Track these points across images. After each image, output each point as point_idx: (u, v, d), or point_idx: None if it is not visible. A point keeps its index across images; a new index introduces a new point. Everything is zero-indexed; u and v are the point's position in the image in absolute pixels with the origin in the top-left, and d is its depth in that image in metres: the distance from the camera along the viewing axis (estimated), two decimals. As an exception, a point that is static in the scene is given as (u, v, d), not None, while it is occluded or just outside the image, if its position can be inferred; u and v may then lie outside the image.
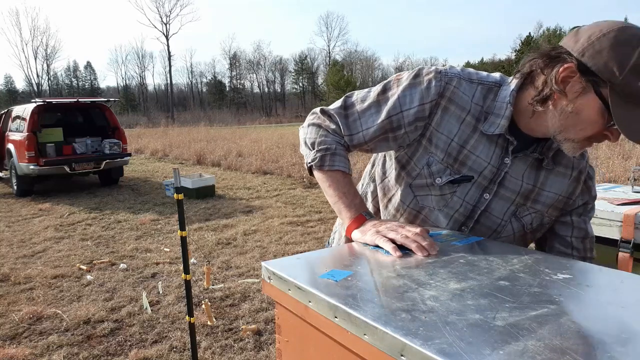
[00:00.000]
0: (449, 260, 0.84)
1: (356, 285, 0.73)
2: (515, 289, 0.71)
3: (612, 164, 7.72)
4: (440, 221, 1.05)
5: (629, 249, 1.41)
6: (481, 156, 0.99)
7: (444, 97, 0.98)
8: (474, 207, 1.02)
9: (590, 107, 0.84)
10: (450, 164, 1.00)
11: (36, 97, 29.24)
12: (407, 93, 1.00)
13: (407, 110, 0.99)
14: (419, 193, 1.04)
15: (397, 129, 1.01)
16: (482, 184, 1.01)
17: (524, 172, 1.00)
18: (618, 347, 0.53)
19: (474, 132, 0.98)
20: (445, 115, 0.98)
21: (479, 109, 0.98)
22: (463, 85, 0.98)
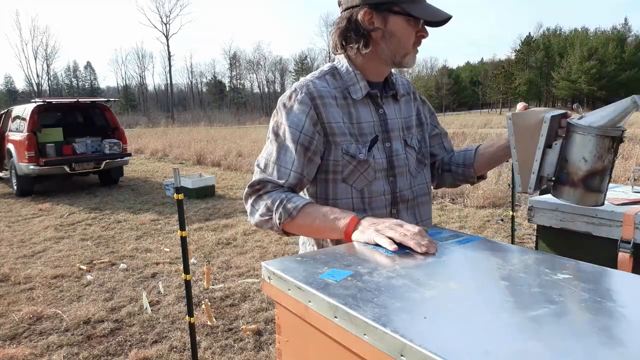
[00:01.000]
0: (449, 260, 0.84)
1: (356, 285, 0.73)
2: (515, 289, 0.71)
3: (612, 164, 7.70)
4: (382, 188, 1.17)
5: (629, 249, 1.41)
6: (367, 120, 1.17)
7: (315, 99, 1.13)
8: (388, 158, 1.19)
9: (398, 24, 1.09)
10: (357, 140, 1.15)
11: (36, 97, 29.24)
12: (291, 119, 1.13)
13: (302, 126, 1.12)
14: (352, 180, 1.16)
15: (310, 144, 1.13)
16: (382, 138, 1.18)
17: (394, 111, 1.22)
18: (618, 347, 0.53)
19: (350, 106, 1.16)
20: (328, 109, 1.14)
21: (340, 89, 1.17)
22: (317, 84, 1.15)
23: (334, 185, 1.16)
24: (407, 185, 1.22)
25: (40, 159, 7.96)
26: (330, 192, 1.17)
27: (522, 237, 4.89)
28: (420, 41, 1.12)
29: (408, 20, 1.08)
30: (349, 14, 1.11)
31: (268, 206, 1.09)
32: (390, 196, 1.18)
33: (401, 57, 1.12)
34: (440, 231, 1.04)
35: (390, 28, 1.09)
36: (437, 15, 1.08)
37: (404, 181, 1.21)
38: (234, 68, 73.67)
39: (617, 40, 58.95)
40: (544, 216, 1.65)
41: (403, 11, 1.07)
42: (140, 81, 73.56)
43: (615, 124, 1.09)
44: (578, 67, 57.90)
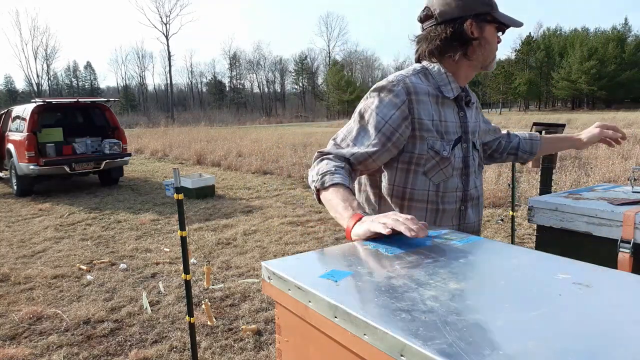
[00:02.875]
0: (449, 260, 0.84)
1: (356, 285, 0.73)
2: (515, 289, 0.71)
3: (612, 164, 7.72)
4: (456, 185, 1.26)
5: (629, 249, 1.41)
6: (451, 120, 1.25)
7: (411, 94, 1.19)
8: (464, 157, 1.27)
9: (491, 32, 1.24)
10: (442, 137, 1.22)
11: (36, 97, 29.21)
12: (382, 107, 1.19)
13: (391, 118, 1.18)
14: (432, 174, 1.23)
15: (392, 135, 1.19)
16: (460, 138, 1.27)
17: (470, 115, 1.31)
18: (618, 348, 0.53)
19: (439, 105, 1.24)
20: (421, 105, 1.20)
21: (432, 87, 1.24)
22: (413, 80, 1.22)
23: (414, 177, 1.23)
24: (474, 185, 1.31)
25: (40, 159, 7.95)
26: (409, 182, 1.24)
27: (522, 237, 4.89)
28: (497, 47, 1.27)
29: (496, 27, 1.25)
30: (451, 26, 1.22)
31: (317, 171, 1.16)
32: (462, 193, 1.27)
33: (490, 62, 1.27)
34: (441, 230, 1.04)
35: (486, 36, 1.23)
36: (517, 23, 1.25)
37: (472, 180, 1.30)
38: (234, 68, 73.67)
39: (617, 40, 58.91)
40: (544, 216, 1.65)
41: (494, 20, 1.22)
42: (140, 81, 73.56)
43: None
44: (578, 67, 57.88)
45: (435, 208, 1.24)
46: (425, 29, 1.28)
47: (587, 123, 20.43)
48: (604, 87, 57.09)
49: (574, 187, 5.63)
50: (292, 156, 10.94)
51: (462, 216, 1.28)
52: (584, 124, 19.92)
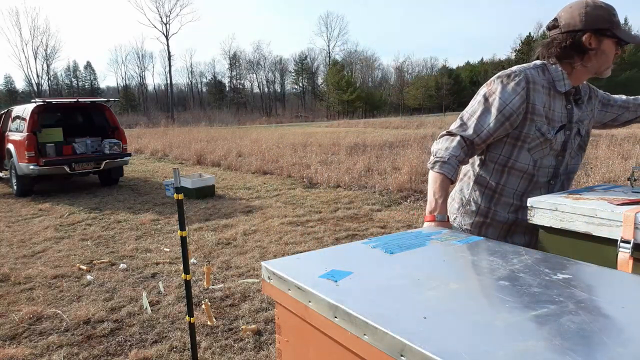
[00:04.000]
0: (449, 261, 0.84)
1: (356, 285, 0.73)
2: (515, 289, 0.71)
3: (612, 164, 7.72)
4: (550, 162, 1.51)
5: (629, 249, 1.41)
6: (559, 110, 1.49)
7: (530, 83, 1.44)
8: (564, 142, 1.51)
9: (609, 46, 1.42)
10: (549, 123, 1.47)
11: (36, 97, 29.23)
12: (505, 92, 1.44)
13: (511, 102, 1.43)
14: (534, 151, 1.49)
15: (510, 116, 1.44)
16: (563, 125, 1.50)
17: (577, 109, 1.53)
18: (618, 348, 0.53)
19: (551, 96, 1.48)
20: (536, 94, 1.45)
21: (547, 81, 1.48)
22: (532, 72, 1.46)
23: (519, 151, 1.49)
24: (566, 164, 1.55)
25: (40, 159, 7.95)
26: (514, 154, 1.50)
27: (522, 237, 4.89)
28: (616, 57, 1.45)
29: (616, 42, 1.42)
30: (571, 36, 1.43)
31: (438, 150, 1.45)
32: (553, 170, 1.52)
33: (604, 70, 1.46)
34: (441, 230, 1.04)
35: (603, 48, 1.41)
36: (638, 39, 1.43)
37: (566, 161, 1.54)
38: (234, 68, 73.66)
39: (617, 40, 58.88)
40: (544, 216, 1.65)
41: (614, 36, 1.40)
42: (140, 81, 73.55)
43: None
44: (578, 67, 57.79)
45: (530, 179, 1.51)
46: (550, 36, 1.52)
47: (587, 123, 20.41)
48: (603, 87, 56.12)
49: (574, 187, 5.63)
50: (292, 156, 10.93)
51: (550, 189, 1.54)
52: (584, 124, 19.89)
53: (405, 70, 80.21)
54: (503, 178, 1.54)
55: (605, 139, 11.93)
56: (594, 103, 1.66)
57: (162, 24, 56.09)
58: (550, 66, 1.50)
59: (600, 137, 12.67)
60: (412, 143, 12.95)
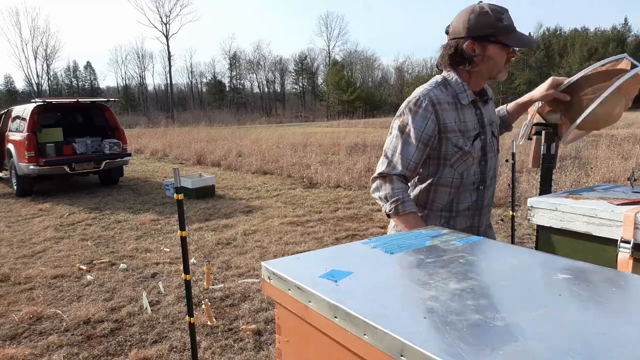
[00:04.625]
0: (449, 260, 0.84)
1: (356, 285, 0.73)
2: (515, 289, 0.71)
3: (612, 164, 7.71)
4: (474, 170, 1.55)
5: (629, 249, 1.41)
6: (470, 119, 1.53)
7: (435, 105, 1.47)
8: (483, 147, 1.55)
9: (494, 51, 1.44)
10: (464, 135, 1.50)
11: (36, 97, 29.21)
12: (417, 121, 1.48)
13: (425, 128, 1.47)
14: (457, 165, 1.53)
15: (429, 141, 1.49)
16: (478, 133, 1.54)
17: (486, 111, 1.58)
18: (618, 348, 0.53)
19: (458, 109, 1.51)
20: (444, 113, 1.48)
21: (451, 96, 1.51)
22: (436, 92, 1.49)
23: (443, 168, 1.53)
24: (491, 167, 1.60)
25: (40, 159, 7.95)
26: (439, 171, 1.55)
27: (522, 237, 4.89)
28: (510, 59, 1.47)
29: (502, 47, 1.44)
30: (455, 43, 1.47)
31: (387, 195, 1.48)
32: (480, 176, 1.56)
33: (496, 74, 1.48)
34: (441, 230, 1.04)
35: (489, 53, 1.44)
36: (526, 43, 1.45)
37: (490, 165, 1.59)
38: (234, 68, 73.64)
39: (617, 40, 58.90)
40: (544, 216, 1.65)
41: (498, 41, 1.42)
42: (140, 81, 73.52)
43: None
44: (578, 67, 57.82)
45: (456, 190, 1.54)
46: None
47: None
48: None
49: (574, 187, 5.64)
50: (292, 156, 10.93)
51: (479, 194, 1.57)
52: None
53: (405, 70, 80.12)
54: (431, 194, 1.58)
55: (605, 139, 11.93)
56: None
57: (162, 24, 56.10)
58: (451, 80, 1.52)
59: (600, 137, 12.66)
60: (412, 143, 12.93)
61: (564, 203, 1.60)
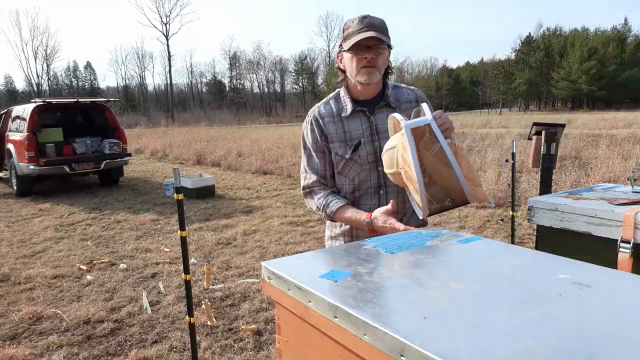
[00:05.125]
0: (449, 260, 0.84)
1: (356, 285, 0.73)
2: (515, 289, 0.71)
3: (612, 164, 7.71)
4: (368, 176, 1.59)
5: (629, 249, 1.41)
6: (356, 128, 1.59)
7: (319, 120, 1.62)
8: (375, 154, 1.57)
9: (346, 58, 1.54)
10: (346, 145, 1.59)
11: (36, 97, 29.21)
12: (308, 136, 1.64)
13: (315, 139, 1.62)
14: (345, 171, 1.61)
15: (323, 149, 1.62)
16: (370, 140, 1.58)
17: (386, 117, 1.48)
18: (618, 347, 0.53)
19: (342, 120, 1.60)
20: (328, 126, 1.61)
21: (337, 110, 1.61)
22: (321, 109, 1.63)
23: (337, 177, 1.63)
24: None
25: (40, 159, 7.95)
26: (337, 180, 1.64)
27: (522, 237, 4.89)
28: (364, 60, 1.48)
29: (350, 53, 1.50)
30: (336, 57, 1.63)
31: (317, 206, 1.62)
32: (377, 181, 1.59)
33: (355, 77, 1.52)
34: (441, 230, 1.04)
35: (345, 62, 1.55)
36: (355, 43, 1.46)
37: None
38: (234, 68, 73.63)
39: (617, 40, 58.88)
40: (544, 216, 1.65)
41: (344, 49, 1.53)
42: (140, 81, 73.54)
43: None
44: (578, 67, 57.87)
45: (353, 195, 1.62)
46: None
47: (586, 123, 20.43)
48: (604, 87, 57.06)
49: (574, 187, 5.64)
50: (292, 156, 10.92)
51: (381, 198, 1.59)
52: (584, 124, 19.92)
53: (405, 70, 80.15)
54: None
55: (605, 139, 11.93)
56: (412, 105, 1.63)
57: (162, 24, 56.09)
58: (340, 93, 1.62)
59: (600, 137, 12.66)
60: (412, 143, 12.92)
61: (564, 203, 1.60)
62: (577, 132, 14.67)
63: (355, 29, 1.47)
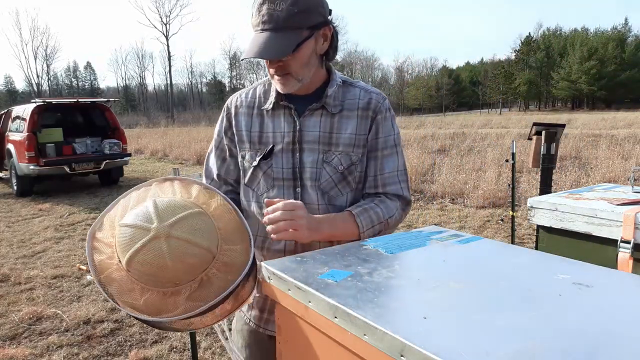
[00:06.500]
0: (448, 261, 0.84)
1: (356, 285, 0.73)
2: (515, 289, 0.71)
3: (612, 164, 7.72)
4: (279, 196, 1.17)
5: (629, 249, 1.41)
6: (274, 130, 1.20)
7: (230, 108, 1.27)
8: (294, 169, 1.18)
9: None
10: (257, 149, 1.21)
11: (36, 97, 29.22)
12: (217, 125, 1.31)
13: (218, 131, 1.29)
14: (252, 183, 1.23)
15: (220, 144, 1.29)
16: (289, 148, 1.18)
17: (318, 123, 1.18)
18: (618, 348, 0.53)
19: (261, 116, 1.22)
20: (237, 118, 1.24)
21: (260, 100, 1.23)
22: (242, 96, 1.27)
23: (244, 187, 1.25)
24: (318, 202, 1.16)
25: (40, 159, 7.95)
26: (242, 193, 1.26)
27: (522, 237, 4.89)
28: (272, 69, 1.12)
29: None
30: None
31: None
32: None
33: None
34: (441, 230, 1.04)
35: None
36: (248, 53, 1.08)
37: (313, 197, 1.16)
38: (234, 68, 73.68)
39: (617, 40, 58.93)
40: (544, 216, 1.65)
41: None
42: (140, 81, 73.59)
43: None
44: (578, 67, 57.90)
45: (260, 217, 1.17)
46: None
47: (586, 123, 20.42)
48: (604, 87, 57.10)
49: (574, 187, 5.64)
50: (292, 156, 10.90)
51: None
52: (584, 124, 19.92)
53: (406, 70, 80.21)
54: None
55: (606, 139, 11.94)
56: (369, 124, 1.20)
57: (162, 24, 56.12)
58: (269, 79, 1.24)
59: (600, 137, 12.67)
60: (412, 143, 12.94)
61: (564, 203, 1.60)
62: (577, 132, 14.67)
63: (253, 24, 1.09)
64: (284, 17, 1.04)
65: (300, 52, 1.08)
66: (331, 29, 1.14)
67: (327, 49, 1.15)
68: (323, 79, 1.20)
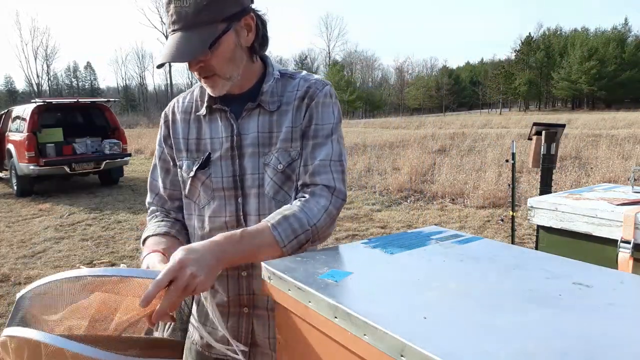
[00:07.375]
0: (449, 260, 0.84)
1: (356, 285, 0.73)
2: (515, 289, 0.71)
3: (612, 164, 7.72)
4: (219, 208, 1.09)
5: (629, 249, 1.41)
6: (212, 136, 1.10)
7: (168, 115, 1.18)
8: (235, 177, 1.09)
9: None
10: (194, 158, 1.12)
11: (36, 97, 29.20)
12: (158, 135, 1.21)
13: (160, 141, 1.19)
14: (194, 197, 1.13)
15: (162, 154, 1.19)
16: (229, 155, 1.09)
17: (256, 125, 1.09)
18: (618, 348, 0.53)
19: (197, 122, 1.13)
20: (174, 125, 1.16)
21: (197, 104, 1.14)
22: (179, 100, 1.18)
23: (186, 201, 1.16)
24: (262, 210, 1.07)
25: (40, 159, 7.95)
26: (185, 207, 1.17)
27: (522, 237, 4.89)
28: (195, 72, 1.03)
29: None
30: None
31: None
32: (234, 219, 1.08)
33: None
34: (441, 230, 1.04)
35: None
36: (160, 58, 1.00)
37: (256, 204, 1.07)
38: (234, 68, 73.60)
39: (617, 40, 58.93)
40: (544, 216, 1.65)
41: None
42: (140, 81, 73.61)
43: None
44: (578, 68, 57.89)
45: (201, 232, 1.11)
46: None
47: (586, 123, 20.43)
48: (604, 87, 57.09)
49: (574, 187, 5.64)
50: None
51: None
52: (584, 124, 19.92)
53: (406, 70, 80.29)
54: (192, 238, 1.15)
55: (606, 139, 11.94)
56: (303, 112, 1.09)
57: (163, 24, 56.09)
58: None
59: (600, 137, 12.67)
60: (412, 143, 12.95)
61: (564, 203, 1.60)
62: (577, 132, 14.68)
63: (167, 26, 1.01)
64: (193, 13, 0.94)
65: (219, 49, 0.98)
66: (254, 17, 1.03)
67: (253, 40, 1.05)
68: (258, 73, 1.11)
